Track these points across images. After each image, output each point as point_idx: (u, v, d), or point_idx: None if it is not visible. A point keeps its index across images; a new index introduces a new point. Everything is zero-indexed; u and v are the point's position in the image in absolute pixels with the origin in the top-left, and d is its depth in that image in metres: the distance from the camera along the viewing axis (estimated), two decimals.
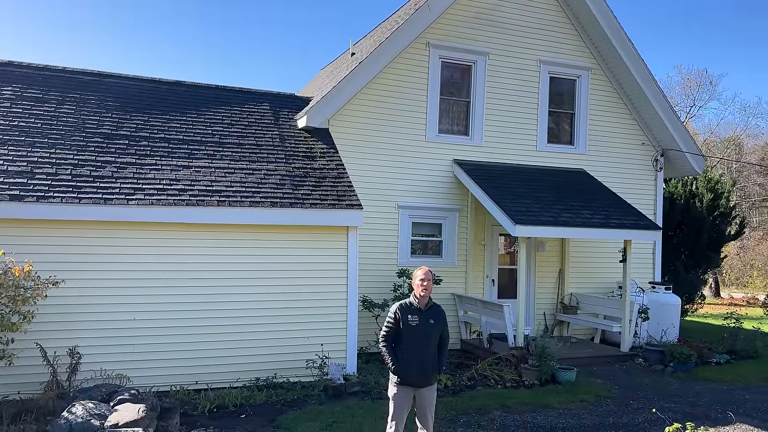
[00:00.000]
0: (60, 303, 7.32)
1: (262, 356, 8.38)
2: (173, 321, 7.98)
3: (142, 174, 8.28)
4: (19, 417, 6.40)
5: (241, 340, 8.29)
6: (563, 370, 9.22)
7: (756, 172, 35.53)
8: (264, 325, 8.42)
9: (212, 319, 8.16)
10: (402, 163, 11.43)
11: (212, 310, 8.17)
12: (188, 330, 8.04)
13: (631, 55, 12.56)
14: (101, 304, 7.64)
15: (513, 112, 12.36)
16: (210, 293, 8.17)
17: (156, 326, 7.89)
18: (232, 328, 8.26)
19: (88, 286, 7.58)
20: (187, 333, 8.03)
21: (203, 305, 8.13)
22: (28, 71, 9.90)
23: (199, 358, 8.07)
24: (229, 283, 8.27)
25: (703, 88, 36.66)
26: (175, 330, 7.98)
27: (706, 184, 16.79)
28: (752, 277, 30.45)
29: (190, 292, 8.08)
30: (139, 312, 7.80)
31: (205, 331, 8.12)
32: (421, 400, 5.50)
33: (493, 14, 12.16)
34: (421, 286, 5.43)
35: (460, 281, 11.87)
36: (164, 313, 7.93)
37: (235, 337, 8.26)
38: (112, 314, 7.69)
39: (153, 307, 7.88)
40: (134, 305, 7.79)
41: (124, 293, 7.75)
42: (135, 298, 7.80)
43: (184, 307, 8.04)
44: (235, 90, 11.36)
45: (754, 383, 9.66)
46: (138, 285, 7.82)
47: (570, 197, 11.38)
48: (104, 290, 7.67)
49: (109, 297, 7.69)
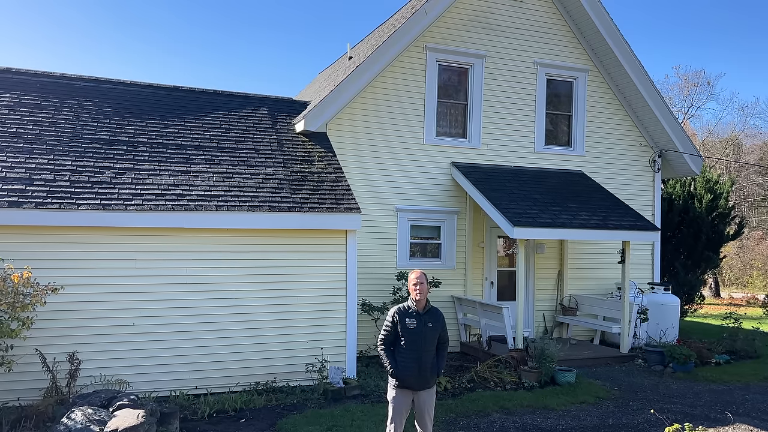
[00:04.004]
0: (59, 309, 7.34)
1: (262, 360, 8.38)
2: (172, 326, 7.98)
3: (140, 179, 8.30)
4: (18, 423, 6.42)
5: (241, 344, 8.29)
6: (563, 372, 9.22)
7: (755, 171, 35.55)
8: (263, 329, 8.43)
9: (211, 323, 8.17)
10: (400, 166, 11.46)
11: (211, 315, 8.17)
12: (187, 335, 8.04)
13: (628, 57, 12.60)
14: (100, 310, 7.65)
15: (510, 115, 12.38)
16: (209, 298, 8.18)
17: (155, 331, 7.89)
18: (232, 332, 8.26)
19: (87, 292, 7.59)
20: (186, 338, 8.04)
21: (202, 310, 8.14)
22: (26, 77, 9.92)
23: (198, 363, 8.07)
24: (228, 287, 8.28)
25: (700, 89, 36.78)
26: (174, 335, 7.98)
27: (705, 184, 16.79)
28: (752, 276, 30.46)
29: (189, 297, 8.08)
30: (138, 317, 7.81)
31: (204, 336, 8.12)
32: (419, 403, 5.51)
33: (489, 17, 12.20)
34: (415, 289, 5.44)
35: (459, 284, 11.88)
36: (163, 318, 7.94)
37: (234, 342, 8.27)
38: (111, 320, 7.70)
39: (152, 313, 7.89)
40: (133, 311, 7.80)
41: (123, 299, 7.76)
42: (134, 303, 7.80)
43: (182, 312, 8.05)
44: (233, 95, 11.39)
45: (753, 383, 9.67)
46: (137, 290, 7.83)
47: (568, 199, 11.40)
48: (103, 296, 7.68)
49: (108, 303, 7.69)
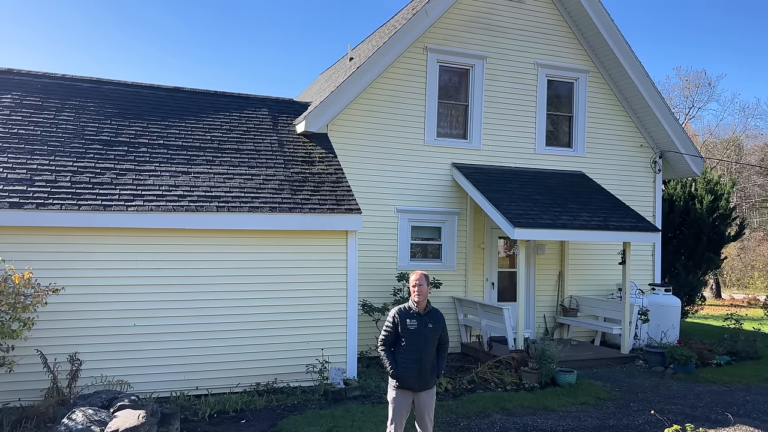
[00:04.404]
0: (60, 310, 7.34)
1: (262, 361, 8.38)
2: (173, 327, 7.99)
3: (141, 180, 8.31)
4: (19, 424, 6.43)
5: (241, 345, 8.30)
6: (563, 373, 9.22)
7: (756, 172, 35.52)
8: (264, 330, 8.43)
9: (212, 324, 8.17)
10: (401, 167, 11.46)
11: (212, 316, 8.18)
12: (188, 335, 8.05)
13: (628, 58, 12.60)
14: (101, 311, 7.66)
15: (511, 115, 12.39)
16: (209, 299, 8.18)
17: (156, 332, 7.90)
18: (233, 333, 8.26)
19: (89, 293, 7.60)
20: (187, 338, 8.04)
21: (203, 311, 8.15)
22: (27, 78, 9.94)
23: (199, 364, 8.08)
24: (228, 288, 8.28)
25: (701, 90, 36.81)
26: (175, 336, 7.99)
27: (706, 185, 16.78)
28: (753, 278, 30.45)
29: (190, 298, 8.09)
30: (138, 318, 7.82)
31: (205, 337, 8.13)
32: (420, 403, 5.51)
33: (490, 18, 12.20)
34: (415, 290, 5.44)
35: (460, 284, 11.88)
36: (164, 318, 7.95)
37: (235, 342, 8.27)
38: (112, 320, 7.70)
39: (153, 313, 7.90)
40: (134, 311, 7.80)
41: (124, 299, 7.77)
42: (135, 304, 7.81)
43: (183, 312, 8.05)
44: (234, 96, 11.39)
45: (754, 384, 9.66)
46: (138, 291, 7.83)
47: (569, 200, 11.40)
48: (104, 296, 7.68)
49: (109, 303, 7.70)
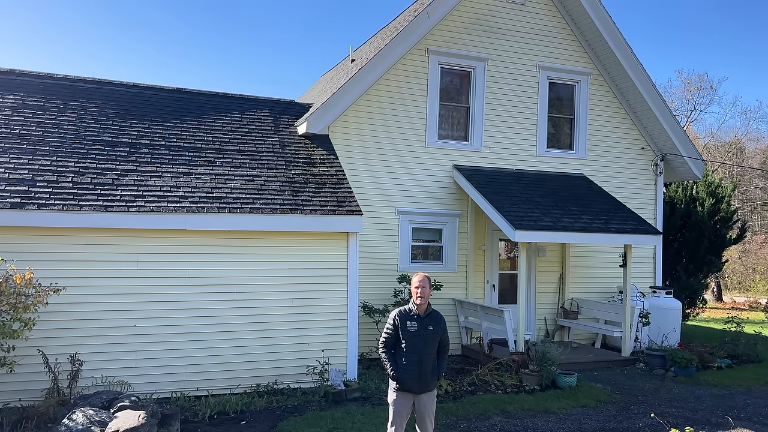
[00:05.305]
0: (61, 310, 7.36)
1: (263, 362, 8.38)
2: (174, 327, 8.00)
3: (142, 181, 8.33)
4: (20, 424, 6.43)
5: (242, 346, 8.30)
6: (564, 375, 9.21)
7: (757, 175, 35.49)
8: (264, 332, 8.43)
9: (213, 325, 8.18)
10: (402, 168, 11.46)
11: (212, 317, 8.19)
12: (189, 336, 8.05)
13: (630, 60, 12.60)
14: (102, 311, 7.67)
15: (512, 117, 12.39)
16: (210, 300, 8.19)
17: (157, 333, 7.90)
18: (233, 334, 8.27)
19: (89, 293, 7.61)
20: (188, 339, 8.05)
21: (204, 312, 8.15)
22: (30, 79, 9.96)
23: (199, 365, 8.08)
24: (229, 289, 8.29)
25: (703, 93, 36.75)
26: (176, 336, 7.99)
27: (707, 188, 16.76)
28: (754, 281, 30.41)
29: (191, 299, 8.10)
30: (139, 319, 7.82)
31: (205, 338, 8.13)
32: (420, 405, 5.51)
33: (491, 20, 12.21)
34: (417, 293, 5.44)
35: (461, 286, 11.88)
36: (165, 319, 7.96)
37: (235, 344, 8.27)
38: (112, 321, 7.71)
39: (154, 314, 7.90)
40: (135, 312, 7.81)
41: (125, 300, 7.78)
42: (136, 304, 7.82)
43: (184, 313, 8.06)
44: (235, 97, 11.41)
45: (755, 388, 9.65)
46: (139, 292, 7.84)
47: (570, 202, 11.39)
48: (105, 297, 7.69)
49: (110, 304, 7.71)
